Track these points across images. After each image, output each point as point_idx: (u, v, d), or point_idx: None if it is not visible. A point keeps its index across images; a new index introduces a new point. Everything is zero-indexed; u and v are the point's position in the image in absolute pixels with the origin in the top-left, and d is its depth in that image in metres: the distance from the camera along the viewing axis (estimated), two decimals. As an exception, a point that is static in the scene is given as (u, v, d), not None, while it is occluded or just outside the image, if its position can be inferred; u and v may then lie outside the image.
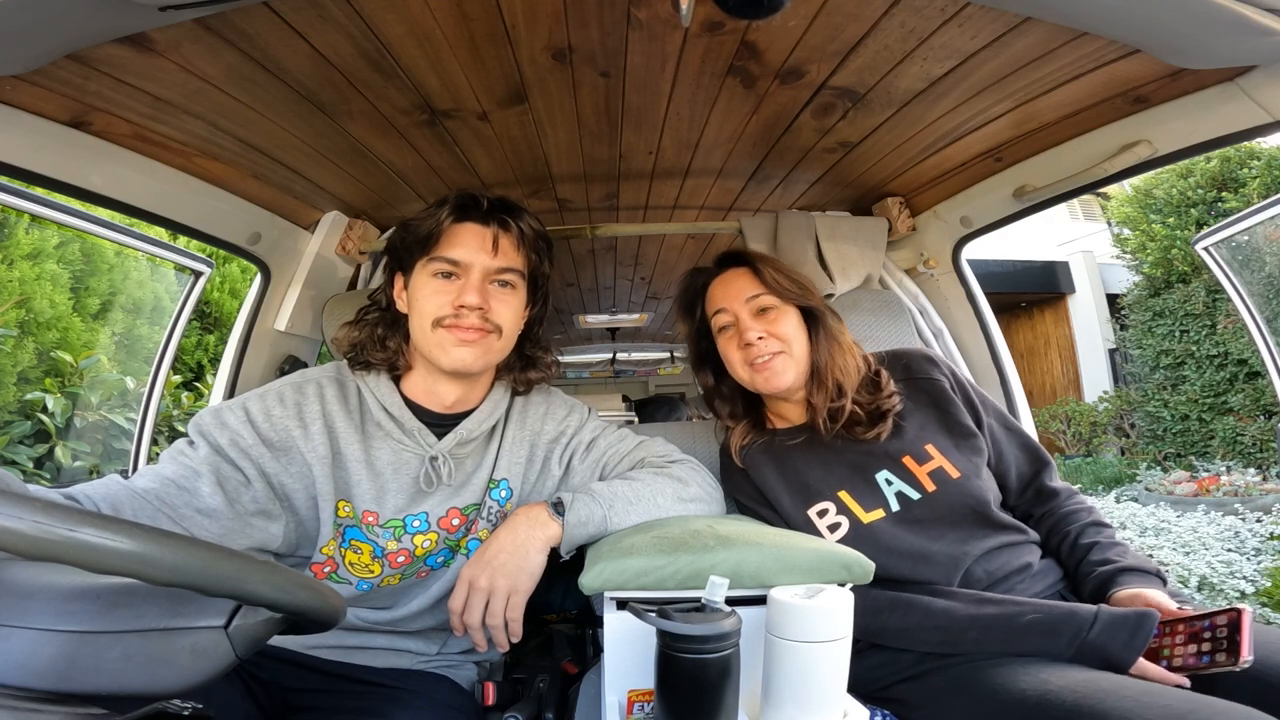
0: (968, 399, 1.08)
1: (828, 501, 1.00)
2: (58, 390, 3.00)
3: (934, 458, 1.00)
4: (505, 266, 0.92)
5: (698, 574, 0.72)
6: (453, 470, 0.93)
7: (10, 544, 0.35)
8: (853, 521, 0.97)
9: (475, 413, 0.96)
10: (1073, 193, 1.24)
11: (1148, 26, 0.76)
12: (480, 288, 0.90)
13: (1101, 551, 0.95)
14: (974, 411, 1.07)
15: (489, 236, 0.92)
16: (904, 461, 1.00)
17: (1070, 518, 1.02)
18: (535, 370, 1.03)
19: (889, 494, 0.99)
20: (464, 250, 0.91)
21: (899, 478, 1.00)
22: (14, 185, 1.11)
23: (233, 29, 0.79)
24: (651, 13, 0.82)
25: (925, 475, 0.99)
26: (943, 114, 1.09)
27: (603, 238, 1.81)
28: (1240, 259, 5.03)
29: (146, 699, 0.45)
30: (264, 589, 0.44)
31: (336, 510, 0.90)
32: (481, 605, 0.82)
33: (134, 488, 0.77)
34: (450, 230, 0.92)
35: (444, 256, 0.91)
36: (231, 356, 1.49)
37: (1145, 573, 0.90)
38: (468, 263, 0.91)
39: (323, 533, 0.89)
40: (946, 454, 1.00)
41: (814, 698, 0.66)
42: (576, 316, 3.21)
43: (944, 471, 0.99)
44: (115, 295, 3.45)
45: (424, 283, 0.92)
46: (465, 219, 0.92)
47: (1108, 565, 0.92)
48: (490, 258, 0.91)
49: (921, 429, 1.04)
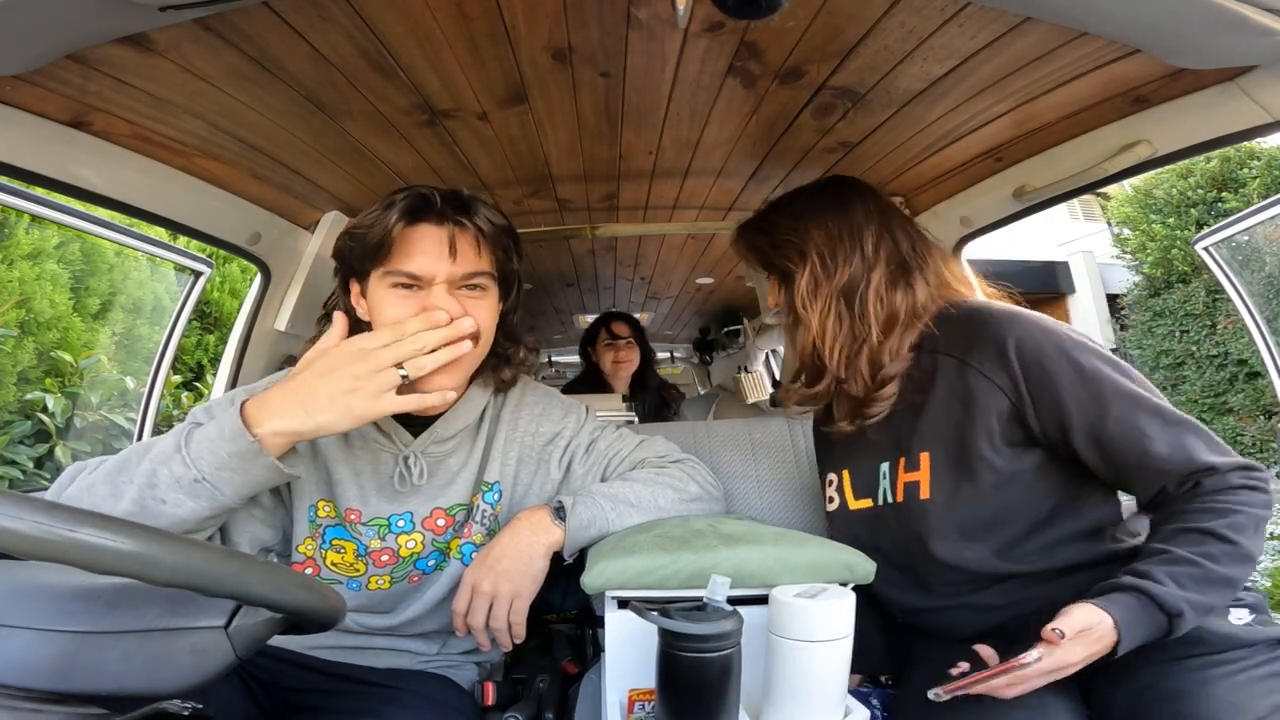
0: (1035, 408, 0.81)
1: (833, 473, 1.00)
2: (58, 390, 3.00)
3: (920, 469, 0.88)
4: (470, 272, 0.85)
5: (700, 573, 0.72)
6: (425, 470, 0.92)
7: (10, 544, 0.35)
8: (841, 502, 0.97)
9: (449, 412, 0.94)
10: (1073, 193, 1.23)
11: (1148, 26, 0.76)
12: (448, 300, 0.82)
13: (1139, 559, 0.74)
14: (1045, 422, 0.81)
15: (445, 240, 0.83)
16: (898, 460, 0.91)
17: (1168, 517, 0.77)
18: (509, 368, 0.98)
19: (883, 486, 0.93)
20: (421, 260, 0.82)
21: (889, 476, 0.92)
22: (14, 185, 1.11)
23: (233, 29, 0.79)
24: (652, 13, 0.82)
25: (901, 484, 0.89)
26: (942, 114, 1.09)
27: (603, 238, 1.81)
28: (1240, 259, 5.04)
29: (146, 699, 0.45)
30: (264, 589, 0.44)
31: (316, 510, 0.90)
32: (485, 609, 0.83)
33: None
34: (403, 236, 0.83)
35: (401, 269, 0.82)
36: (231, 356, 1.49)
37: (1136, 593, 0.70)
38: (428, 275, 0.82)
39: (298, 531, 0.90)
40: (936, 469, 0.87)
41: (815, 697, 0.66)
42: (576, 316, 3.21)
43: (917, 487, 0.87)
44: (115, 295, 3.45)
45: (382, 297, 0.84)
46: (417, 221, 0.83)
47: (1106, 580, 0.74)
48: (451, 264, 0.83)
49: (931, 427, 0.88)
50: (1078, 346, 0.81)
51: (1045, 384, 0.80)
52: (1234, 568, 0.70)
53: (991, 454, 0.83)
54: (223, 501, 0.71)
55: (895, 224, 0.95)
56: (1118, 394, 0.78)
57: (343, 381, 0.72)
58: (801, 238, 0.94)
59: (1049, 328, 0.84)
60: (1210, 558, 0.70)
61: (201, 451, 0.70)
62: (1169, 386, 6.59)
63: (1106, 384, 0.79)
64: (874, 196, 0.98)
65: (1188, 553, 0.70)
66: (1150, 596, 0.68)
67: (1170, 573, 0.69)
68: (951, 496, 0.85)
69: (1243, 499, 0.73)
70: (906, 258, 0.93)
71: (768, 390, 3.02)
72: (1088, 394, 0.79)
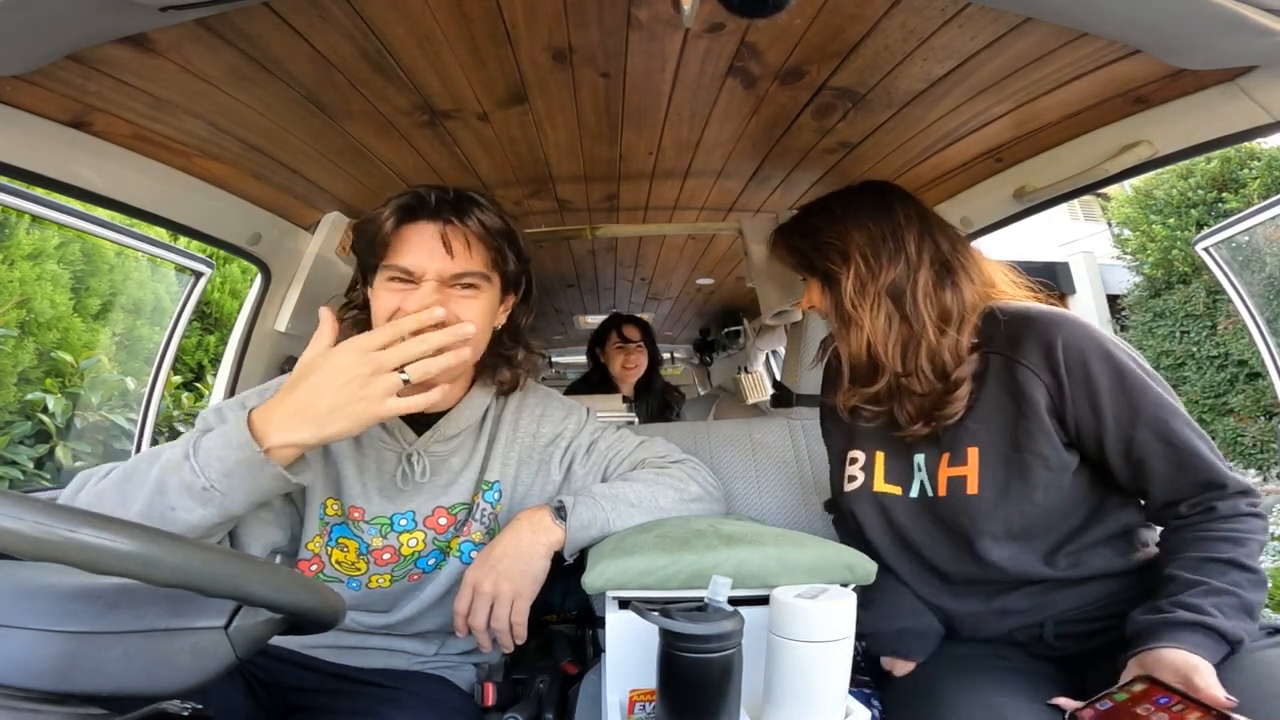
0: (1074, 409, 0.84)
1: (861, 451, 1.00)
2: (58, 391, 3.01)
3: (968, 464, 0.88)
4: (462, 271, 0.86)
5: (700, 574, 0.72)
6: (427, 468, 0.92)
7: (10, 544, 0.35)
8: (865, 482, 0.97)
9: (453, 410, 0.96)
10: (1073, 193, 1.23)
11: (1148, 27, 0.76)
12: (433, 298, 0.84)
13: (1174, 589, 0.76)
14: (1081, 424, 0.84)
15: (438, 238, 0.85)
16: (940, 454, 0.91)
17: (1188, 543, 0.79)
18: (510, 369, 0.98)
19: (919, 478, 0.94)
20: (414, 256, 0.85)
21: (927, 468, 0.93)
22: (14, 185, 1.11)
23: (233, 29, 0.79)
24: (652, 13, 0.82)
25: (944, 478, 0.90)
26: (943, 114, 1.09)
27: (603, 238, 1.81)
28: (1240, 259, 5.04)
29: (146, 699, 0.45)
30: (264, 590, 0.44)
31: (325, 508, 0.90)
32: (486, 610, 0.83)
33: None
34: (399, 234, 0.86)
35: (395, 265, 0.85)
36: (232, 357, 1.49)
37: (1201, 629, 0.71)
38: (419, 270, 0.85)
39: (308, 528, 0.90)
40: (985, 465, 0.87)
41: (816, 697, 0.66)
42: (577, 317, 3.21)
43: (963, 482, 0.88)
44: (116, 296, 3.45)
45: (381, 290, 0.87)
46: (413, 219, 0.86)
47: (1156, 614, 0.75)
48: (445, 261, 0.85)
49: (982, 423, 0.88)
50: (1121, 353, 0.84)
51: (1087, 385, 0.83)
52: (1258, 593, 0.75)
53: (1048, 450, 0.84)
54: (230, 509, 0.71)
55: (934, 226, 0.96)
56: (1154, 404, 0.81)
57: (347, 388, 0.71)
58: (844, 239, 0.95)
59: (1094, 332, 0.86)
60: (1240, 586, 0.74)
61: (210, 459, 0.70)
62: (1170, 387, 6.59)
63: (1144, 393, 0.81)
64: (912, 200, 0.99)
65: (1222, 583, 0.74)
66: (1215, 630, 0.71)
67: (1216, 604, 0.73)
68: (1002, 494, 0.86)
69: (1250, 526, 0.78)
70: (949, 258, 0.94)
71: (768, 391, 3.02)
72: (1125, 400, 0.81)
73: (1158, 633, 0.73)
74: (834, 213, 0.99)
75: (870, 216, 0.96)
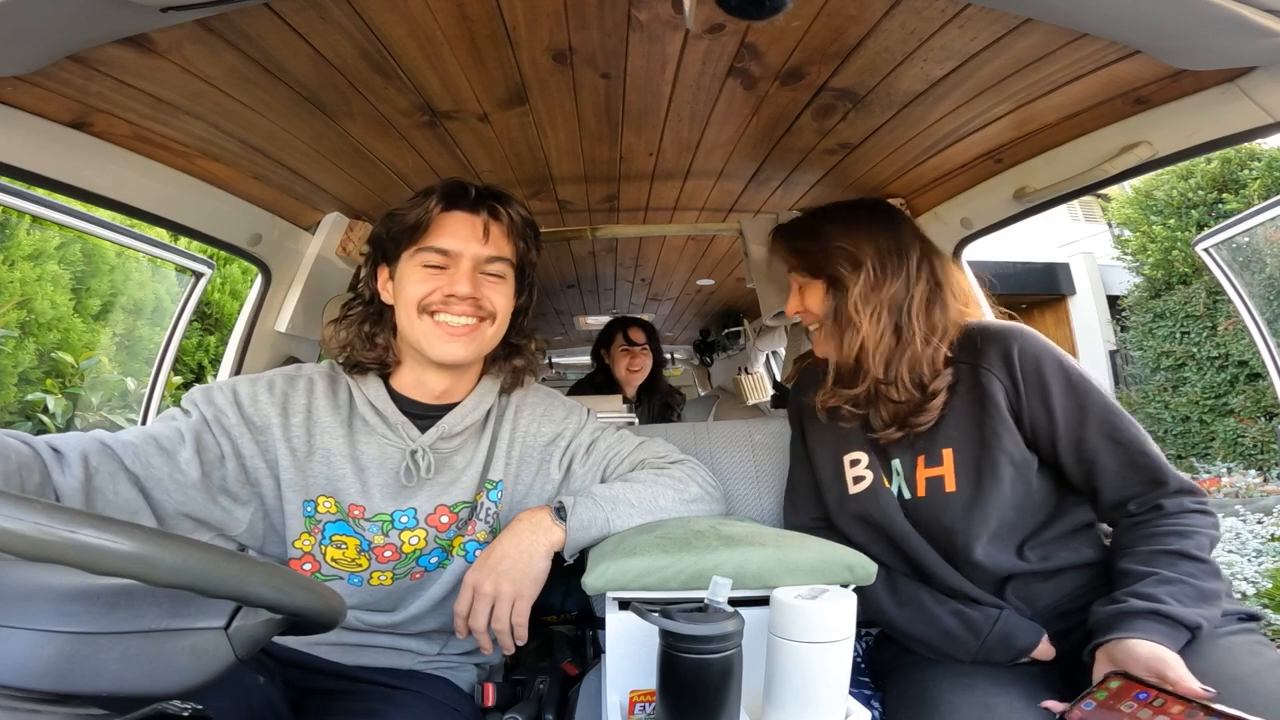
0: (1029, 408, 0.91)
1: (861, 453, 1.01)
2: (59, 391, 3.01)
3: (944, 464, 0.94)
4: (495, 255, 0.93)
5: (701, 574, 0.72)
6: (433, 465, 0.93)
7: (10, 545, 0.35)
8: (875, 481, 0.99)
9: (460, 405, 0.96)
10: (1073, 194, 1.23)
11: (1148, 27, 0.76)
12: (471, 276, 0.91)
13: (1128, 581, 0.80)
14: (1035, 424, 0.91)
15: (479, 225, 0.92)
16: (915, 457, 0.97)
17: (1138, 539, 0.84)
18: (520, 358, 1.02)
19: (897, 482, 0.98)
20: (454, 239, 0.91)
21: (904, 471, 0.98)
22: (15, 186, 1.11)
23: (234, 30, 0.79)
24: (652, 14, 0.83)
25: (921, 479, 0.95)
26: (943, 115, 1.09)
27: (603, 239, 1.81)
28: (1241, 260, 5.04)
29: (146, 700, 0.45)
30: (264, 590, 0.44)
31: (316, 505, 0.90)
32: (487, 610, 0.83)
33: (114, 439, 0.79)
34: (440, 219, 0.92)
35: (433, 246, 0.90)
36: (232, 358, 1.49)
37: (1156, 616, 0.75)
38: (458, 251, 0.91)
39: (290, 526, 0.90)
40: (960, 463, 0.93)
41: (816, 698, 0.66)
42: (577, 318, 3.21)
43: (941, 481, 0.94)
44: (116, 296, 3.46)
45: (411, 271, 0.91)
46: (454, 207, 0.93)
47: (1113, 605, 0.79)
48: (481, 246, 0.92)
49: (954, 425, 0.95)
50: (1070, 363, 0.93)
51: (1040, 387, 0.91)
52: (1214, 582, 0.79)
53: (1012, 446, 0.91)
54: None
55: (930, 249, 1.05)
56: (1101, 406, 0.89)
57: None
58: (857, 248, 1.00)
59: (1048, 343, 0.95)
60: (1193, 575, 0.78)
61: None
62: (1170, 388, 6.59)
63: (1091, 395, 0.89)
64: (911, 222, 1.09)
65: (1174, 574, 0.78)
66: (1170, 616, 0.74)
67: (1170, 593, 0.76)
68: (977, 489, 0.91)
69: (1197, 521, 0.83)
70: (940, 279, 1.02)
71: (768, 391, 3.02)
72: (1074, 402, 0.89)
73: (1116, 623, 0.76)
74: (847, 221, 1.05)
75: (881, 230, 1.02)
